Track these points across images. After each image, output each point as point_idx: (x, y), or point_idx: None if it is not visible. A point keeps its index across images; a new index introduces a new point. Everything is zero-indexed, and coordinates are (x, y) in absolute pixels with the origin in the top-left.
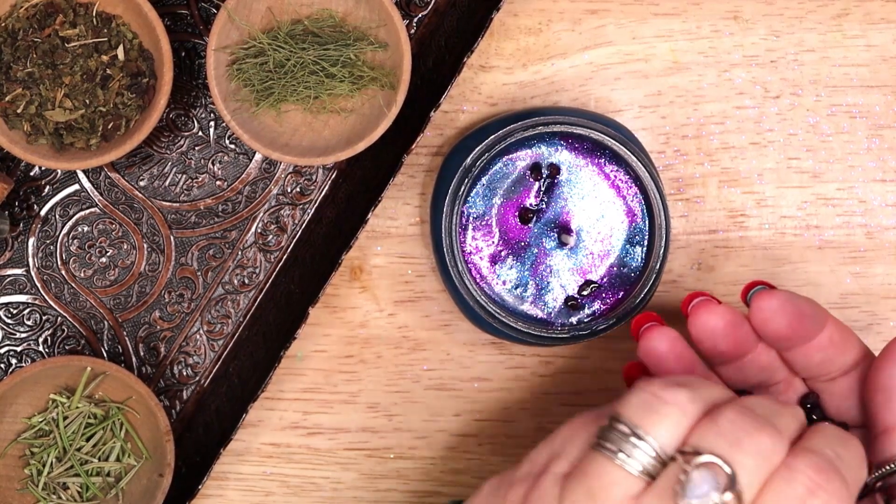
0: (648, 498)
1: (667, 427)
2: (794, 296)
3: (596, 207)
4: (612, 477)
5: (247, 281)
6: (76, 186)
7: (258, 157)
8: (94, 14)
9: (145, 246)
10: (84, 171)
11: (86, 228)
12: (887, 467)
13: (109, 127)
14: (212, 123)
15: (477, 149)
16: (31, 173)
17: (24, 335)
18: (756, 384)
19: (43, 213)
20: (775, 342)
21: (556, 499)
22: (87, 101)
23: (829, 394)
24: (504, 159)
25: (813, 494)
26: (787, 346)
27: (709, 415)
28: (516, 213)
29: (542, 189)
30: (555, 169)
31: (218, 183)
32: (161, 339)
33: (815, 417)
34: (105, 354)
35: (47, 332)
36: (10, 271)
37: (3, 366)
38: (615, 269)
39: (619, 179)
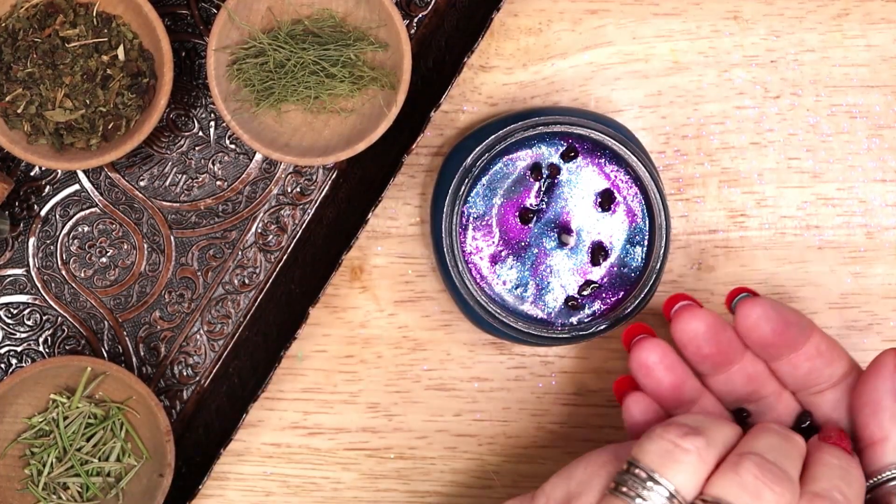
0: None
1: (686, 474)
2: (778, 304)
3: (596, 207)
4: None
5: (247, 281)
6: (76, 186)
7: (258, 157)
8: (94, 14)
9: (145, 246)
10: (84, 172)
11: (86, 228)
12: (876, 478)
13: (110, 127)
14: (212, 123)
15: (477, 149)
16: (32, 173)
17: (24, 335)
18: (745, 396)
19: (43, 213)
20: (762, 350)
21: None
22: (88, 102)
23: (817, 407)
24: (504, 159)
25: None
26: (774, 354)
27: (731, 463)
28: (516, 213)
29: (543, 189)
30: (555, 169)
31: (218, 183)
32: (161, 339)
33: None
34: (105, 354)
35: (47, 332)
36: (10, 271)
37: (3, 366)
38: (615, 269)
39: (619, 179)
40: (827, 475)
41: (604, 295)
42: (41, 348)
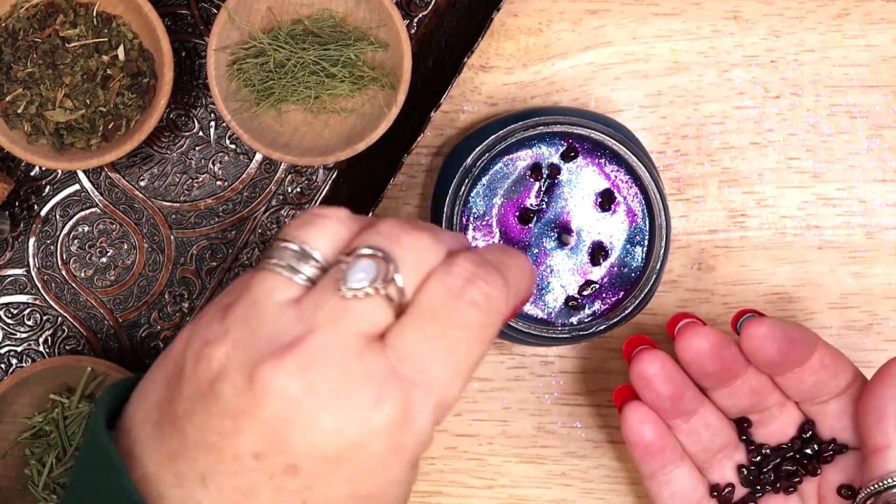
0: (311, 294)
1: (325, 236)
2: (782, 322)
3: (596, 207)
4: (272, 283)
5: None
6: (76, 186)
7: (258, 157)
8: (94, 14)
9: (145, 246)
10: (84, 172)
11: (86, 228)
12: (878, 484)
13: (110, 127)
14: (212, 123)
15: (477, 149)
16: (32, 173)
17: (24, 335)
18: (748, 408)
19: (43, 213)
20: (767, 368)
21: (220, 321)
22: (88, 101)
23: (822, 416)
24: (504, 159)
25: (471, 283)
26: (779, 371)
27: (368, 225)
28: (516, 214)
29: (543, 189)
30: (555, 169)
31: (218, 183)
32: (161, 339)
33: (816, 447)
34: (105, 354)
35: (48, 333)
36: (10, 271)
37: (3, 366)
38: (615, 269)
39: (619, 179)
40: (485, 248)
41: (604, 295)
42: (41, 348)
